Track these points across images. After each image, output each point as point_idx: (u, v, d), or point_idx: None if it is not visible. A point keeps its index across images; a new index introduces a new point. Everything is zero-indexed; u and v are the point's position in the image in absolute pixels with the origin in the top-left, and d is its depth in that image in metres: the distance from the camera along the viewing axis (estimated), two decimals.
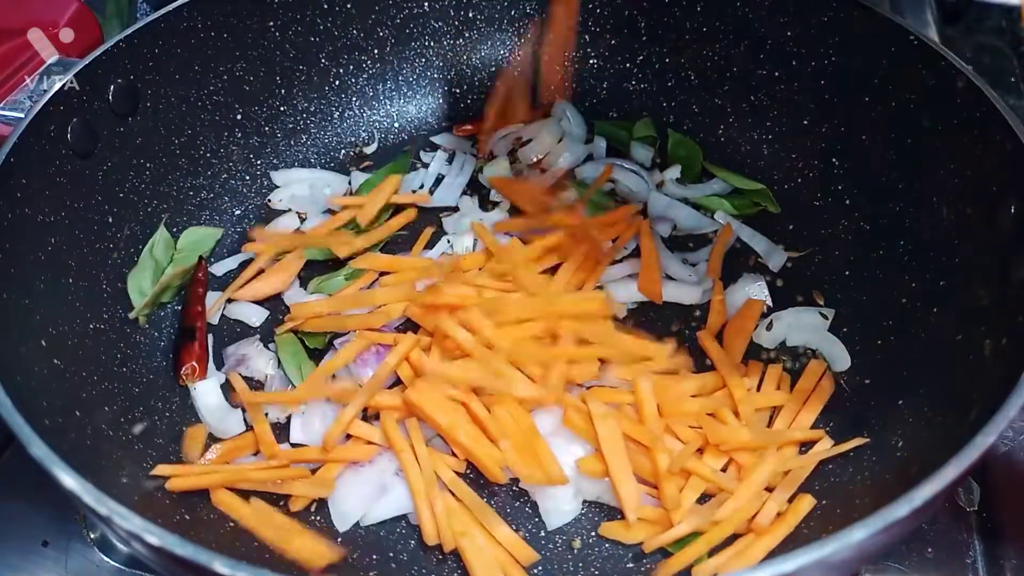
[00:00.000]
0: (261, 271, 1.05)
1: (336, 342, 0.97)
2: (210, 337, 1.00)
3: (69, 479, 0.62)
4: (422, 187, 1.17)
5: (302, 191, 1.16)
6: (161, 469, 0.84)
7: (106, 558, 0.87)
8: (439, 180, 1.18)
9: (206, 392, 0.94)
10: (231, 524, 0.82)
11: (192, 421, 0.93)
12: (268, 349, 0.99)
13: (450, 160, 1.20)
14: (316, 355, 0.98)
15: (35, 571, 0.86)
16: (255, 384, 0.96)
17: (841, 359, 0.95)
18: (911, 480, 0.60)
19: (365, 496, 0.85)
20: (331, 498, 0.85)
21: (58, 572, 0.86)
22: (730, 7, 1.11)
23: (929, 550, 0.84)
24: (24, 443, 0.65)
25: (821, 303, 1.01)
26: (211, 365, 0.98)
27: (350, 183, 1.17)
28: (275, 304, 1.04)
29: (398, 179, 1.13)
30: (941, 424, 0.79)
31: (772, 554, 0.78)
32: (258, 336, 1.01)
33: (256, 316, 1.03)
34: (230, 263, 1.08)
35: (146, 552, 0.62)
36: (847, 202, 1.06)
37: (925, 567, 0.83)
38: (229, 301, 1.03)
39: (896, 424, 0.85)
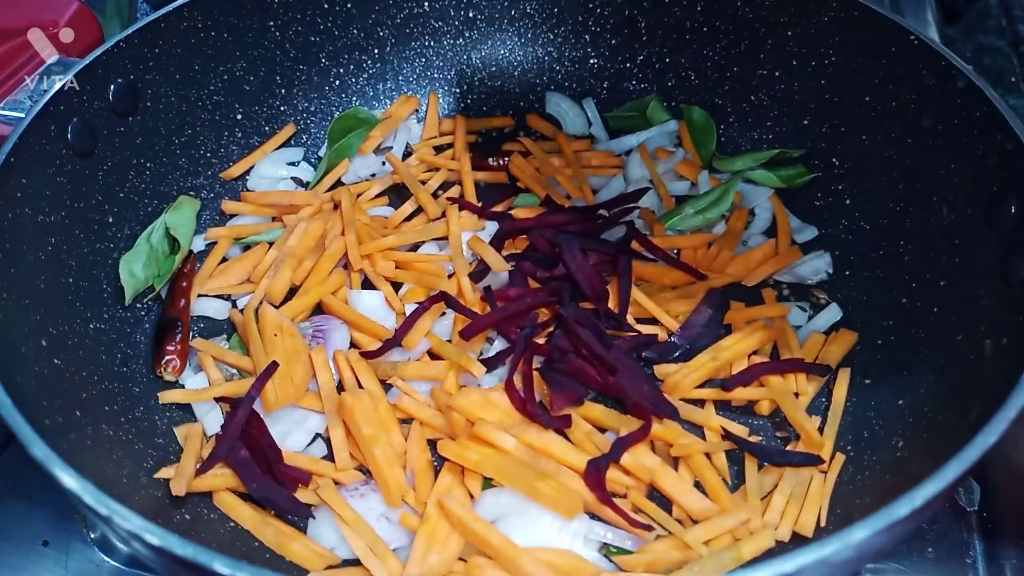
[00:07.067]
0: (225, 259, 1.06)
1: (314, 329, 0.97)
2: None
3: (69, 479, 0.62)
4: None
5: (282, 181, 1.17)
6: (165, 472, 0.84)
7: (106, 558, 0.87)
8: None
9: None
10: (231, 524, 0.82)
11: (191, 420, 0.93)
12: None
13: None
14: None
15: (35, 571, 0.86)
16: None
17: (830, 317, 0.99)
18: (911, 480, 0.60)
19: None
20: (310, 522, 0.83)
21: (58, 572, 0.86)
22: (730, 7, 1.11)
23: (929, 550, 0.84)
24: (24, 443, 0.65)
25: (823, 302, 1.01)
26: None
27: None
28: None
29: (347, 163, 1.16)
30: (941, 424, 0.79)
31: (772, 554, 0.78)
32: (224, 336, 1.00)
33: (220, 311, 1.02)
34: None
35: (146, 552, 0.62)
36: (847, 202, 1.06)
37: (925, 567, 0.83)
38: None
39: (896, 424, 0.85)
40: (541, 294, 0.96)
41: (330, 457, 0.87)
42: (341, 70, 1.20)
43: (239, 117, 1.14)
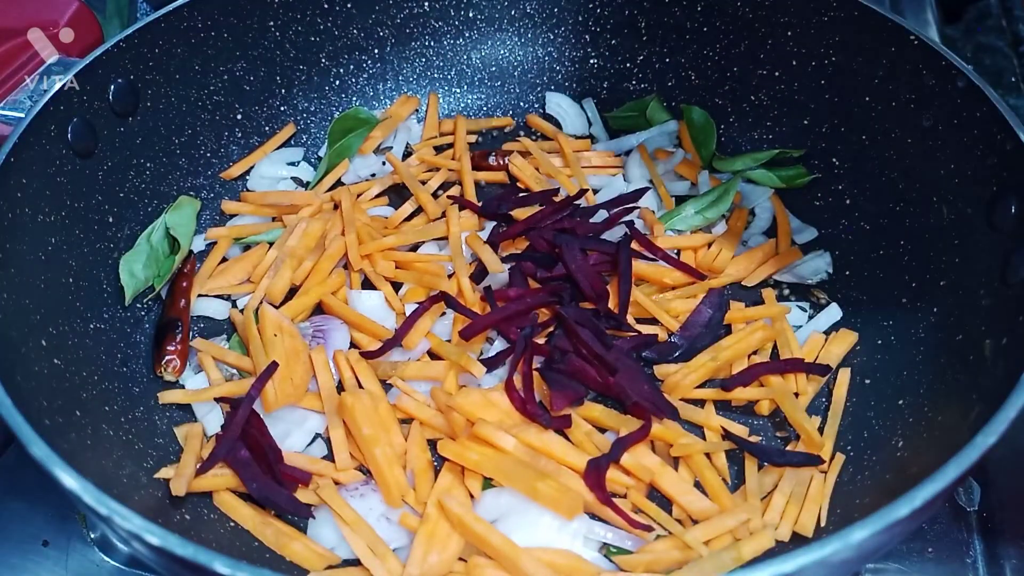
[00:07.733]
0: (225, 259, 1.06)
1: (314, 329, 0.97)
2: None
3: (69, 479, 0.62)
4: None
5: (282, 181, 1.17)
6: (165, 472, 0.84)
7: (106, 558, 0.87)
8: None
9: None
10: (231, 524, 0.82)
11: (191, 420, 0.93)
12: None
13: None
14: None
15: (35, 571, 0.86)
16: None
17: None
18: (911, 480, 0.60)
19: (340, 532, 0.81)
20: (310, 522, 0.83)
21: (58, 572, 0.86)
22: (730, 7, 1.11)
23: (929, 550, 0.84)
24: (24, 443, 0.65)
25: (823, 302, 1.01)
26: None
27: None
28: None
29: (347, 163, 1.16)
30: (941, 424, 0.79)
31: (772, 554, 0.78)
32: (224, 336, 1.00)
33: (220, 311, 1.02)
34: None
35: (146, 552, 0.62)
36: (847, 202, 1.06)
37: (925, 567, 0.83)
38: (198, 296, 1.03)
39: (896, 424, 0.85)
40: (541, 294, 0.96)
41: (330, 457, 0.87)
42: (341, 70, 1.20)
43: (239, 117, 1.14)
